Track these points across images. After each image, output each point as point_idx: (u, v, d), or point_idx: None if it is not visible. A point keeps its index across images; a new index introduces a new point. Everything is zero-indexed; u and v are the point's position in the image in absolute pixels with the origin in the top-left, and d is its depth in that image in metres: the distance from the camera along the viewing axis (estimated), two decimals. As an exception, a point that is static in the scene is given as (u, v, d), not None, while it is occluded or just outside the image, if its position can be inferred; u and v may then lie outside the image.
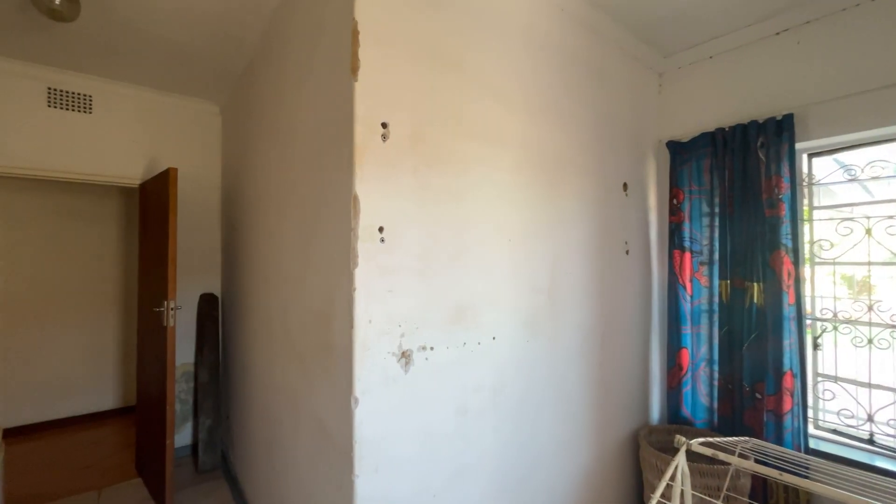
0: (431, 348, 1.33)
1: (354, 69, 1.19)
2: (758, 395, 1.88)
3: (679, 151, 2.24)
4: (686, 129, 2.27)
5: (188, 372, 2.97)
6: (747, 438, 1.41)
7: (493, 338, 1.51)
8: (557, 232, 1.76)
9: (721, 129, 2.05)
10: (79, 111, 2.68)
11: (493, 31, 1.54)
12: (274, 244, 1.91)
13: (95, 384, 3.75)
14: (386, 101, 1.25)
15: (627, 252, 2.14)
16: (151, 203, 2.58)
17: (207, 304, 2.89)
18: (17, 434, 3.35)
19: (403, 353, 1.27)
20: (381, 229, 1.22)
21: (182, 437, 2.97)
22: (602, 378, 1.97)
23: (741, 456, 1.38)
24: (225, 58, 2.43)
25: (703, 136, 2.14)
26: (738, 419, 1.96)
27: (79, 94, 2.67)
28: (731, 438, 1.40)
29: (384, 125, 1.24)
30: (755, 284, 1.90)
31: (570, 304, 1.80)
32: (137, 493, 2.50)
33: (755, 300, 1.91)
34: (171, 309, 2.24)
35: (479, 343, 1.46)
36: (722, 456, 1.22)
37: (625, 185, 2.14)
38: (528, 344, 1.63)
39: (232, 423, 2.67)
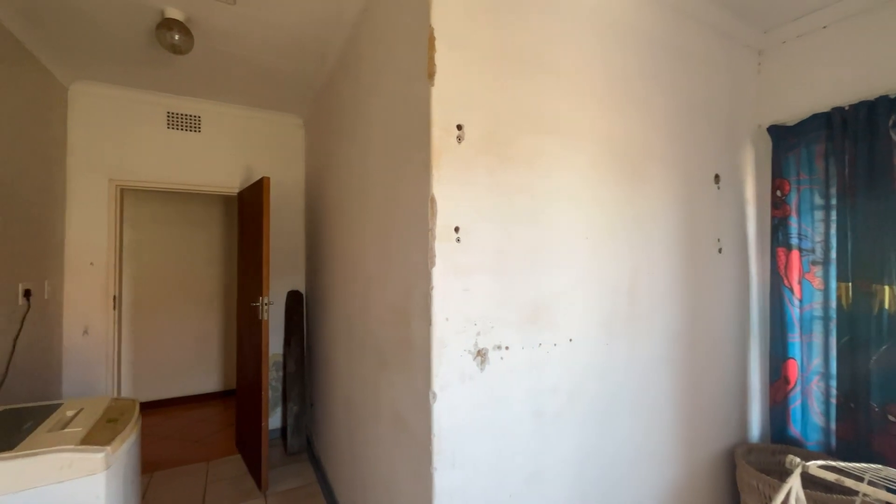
0: (507, 348, 1.33)
1: (431, 74, 1.23)
2: (891, 418, 1.60)
3: (784, 137, 1.98)
4: (793, 112, 2.01)
5: (278, 362, 3.26)
6: (879, 467, 1.21)
7: (570, 339, 1.46)
8: (638, 229, 1.65)
9: (839, 109, 1.78)
10: (191, 131, 3.08)
11: (566, 23, 1.49)
12: (354, 244, 2.03)
13: (202, 369, 4.28)
14: (461, 103, 1.27)
15: (720, 251, 1.95)
16: (248, 209, 2.88)
17: (294, 301, 3.16)
18: (143, 408, 3.94)
19: (479, 352, 1.28)
20: (456, 229, 1.24)
21: (273, 420, 3.28)
22: (690, 388, 1.82)
23: (871, 484, 1.18)
24: (308, 75, 2.64)
25: (815, 117, 1.87)
26: (863, 444, 1.68)
27: (191, 115, 3.07)
28: (857, 465, 1.21)
29: (459, 127, 1.26)
30: (886, 288, 1.63)
31: (653, 306, 1.69)
32: (237, 468, 2.81)
33: (886, 306, 1.63)
34: (265, 304, 2.48)
35: (554, 344, 1.43)
36: (849, 483, 1.06)
37: (716, 177, 1.95)
38: (608, 347, 1.55)
39: (315, 410, 2.89)
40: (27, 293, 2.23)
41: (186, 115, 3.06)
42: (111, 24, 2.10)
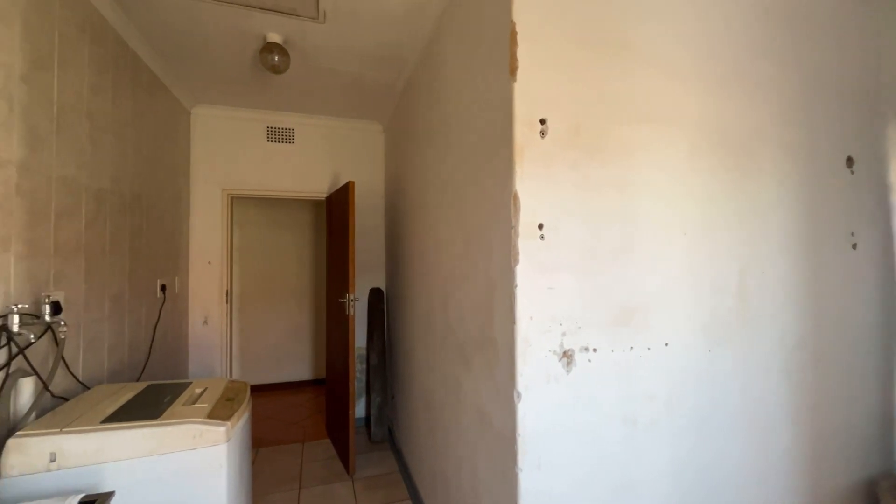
0: (594, 350, 1.26)
1: (513, 70, 1.21)
2: None
3: (944, 107, 1.62)
4: (956, 75, 1.64)
5: (361, 355, 3.47)
6: None
7: (666, 343, 1.35)
8: (749, 223, 1.47)
9: None
10: (286, 142, 3.40)
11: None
12: (433, 243, 2.08)
13: (295, 358, 4.70)
14: (544, 97, 1.24)
15: (854, 246, 1.66)
16: (335, 212, 3.10)
17: (375, 297, 3.33)
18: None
19: (565, 353, 1.23)
20: (540, 226, 1.21)
21: (358, 409, 3.49)
22: (815, 406, 1.57)
23: None
24: (388, 82, 2.77)
25: None
26: None
27: (286, 128, 3.39)
28: None
29: (542, 121, 1.23)
30: None
31: (766, 310, 1.49)
32: (327, 452, 3.04)
33: None
34: (351, 300, 2.65)
35: (648, 348, 1.32)
36: None
37: (848, 160, 1.66)
38: (710, 354, 1.40)
39: (397, 402, 3.02)
40: (163, 288, 2.64)
41: (282, 128, 3.38)
42: (224, 54, 2.40)
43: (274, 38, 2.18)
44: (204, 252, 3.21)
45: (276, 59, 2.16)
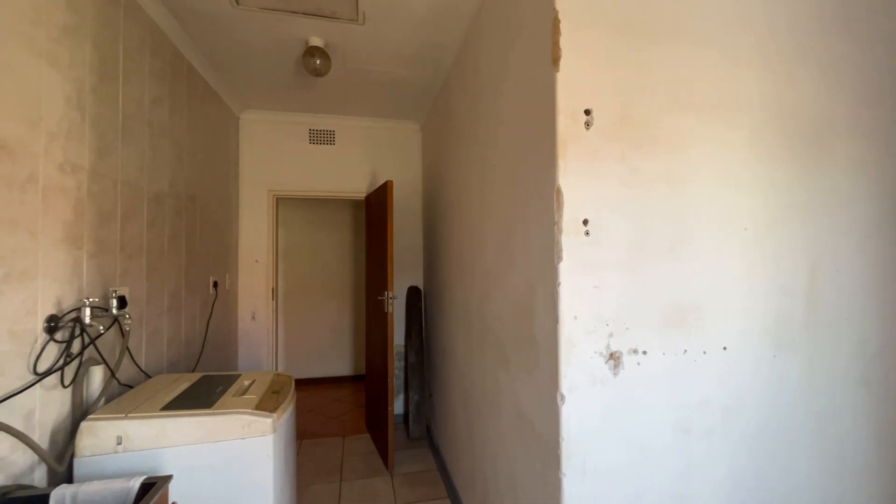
0: (644, 352, 1.19)
1: (556, 60, 1.17)
2: None
3: None
4: None
5: (400, 352, 3.51)
6: None
7: (724, 347, 1.25)
8: (820, 217, 1.34)
9: None
10: (327, 144, 3.50)
11: (717, -21, 1.28)
12: (471, 241, 2.06)
13: (336, 354, 4.83)
14: (588, 87, 1.18)
15: (947, 242, 1.47)
16: (373, 211, 3.15)
17: (413, 296, 3.36)
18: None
19: (612, 355, 1.17)
20: (585, 222, 1.16)
21: (396, 406, 3.54)
22: (900, 420, 1.41)
23: None
24: (425, 81, 2.77)
25: None
26: None
27: (327, 130, 3.49)
28: None
29: (587, 112, 1.18)
30: None
31: (842, 313, 1.35)
32: (367, 447, 3.09)
33: None
34: (390, 298, 2.68)
35: (703, 352, 1.24)
36: None
37: (940, 146, 1.47)
38: (775, 360, 1.29)
39: (434, 400, 3.03)
40: (215, 285, 2.79)
41: (324, 130, 3.48)
42: (269, 60, 2.50)
43: (315, 41, 2.24)
44: (252, 251, 3.37)
45: (318, 62, 2.22)
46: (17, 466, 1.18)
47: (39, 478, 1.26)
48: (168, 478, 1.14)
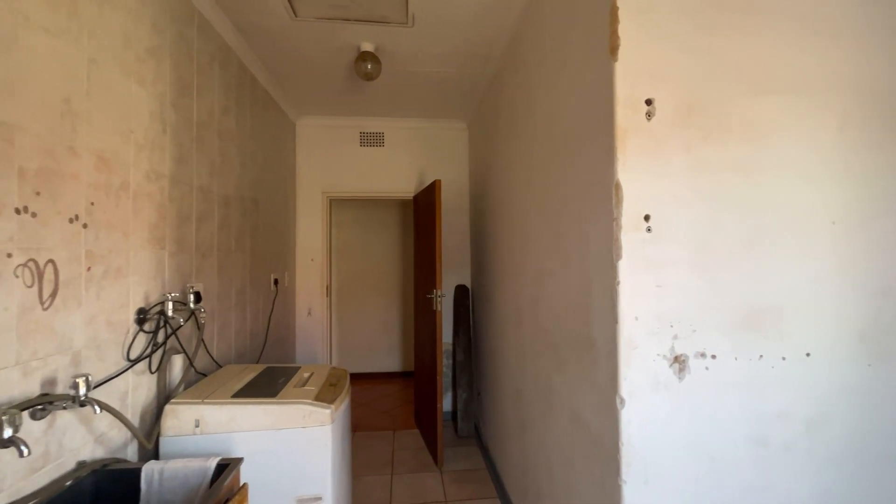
0: (713, 356, 1.11)
1: (614, 48, 1.12)
2: None
3: None
4: None
5: (448, 350, 3.53)
6: None
7: (807, 354, 1.14)
8: (926, 208, 1.18)
9: None
10: (376, 146, 3.60)
11: (798, -52, 1.16)
12: (521, 239, 2.03)
13: (385, 350, 4.96)
14: (650, 74, 1.12)
15: None
16: (422, 210, 3.20)
17: (461, 294, 3.37)
18: (345, 379, 4.80)
19: (676, 358, 1.10)
20: (646, 217, 1.10)
21: (444, 404, 3.57)
22: None
23: None
24: (472, 79, 2.77)
25: None
26: None
27: (376, 132, 3.59)
28: None
29: (649, 101, 1.11)
30: None
31: (954, 317, 1.18)
32: (416, 442, 3.15)
33: None
34: (439, 296, 2.71)
35: (783, 358, 1.13)
36: None
37: None
38: (870, 369, 1.15)
39: (483, 399, 3.02)
40: (275, 282, 2.96)
41: (373, 132, 3.59)
42: (323, 68, 2.61)
43: (367, 47, 2.31)
44: (308, 250, 3.54)
45: (369, 66, 2.29)
46: (114, 442, 1.32)
47: (131, 453, 1.41)
48: (239, 460, 1.23)
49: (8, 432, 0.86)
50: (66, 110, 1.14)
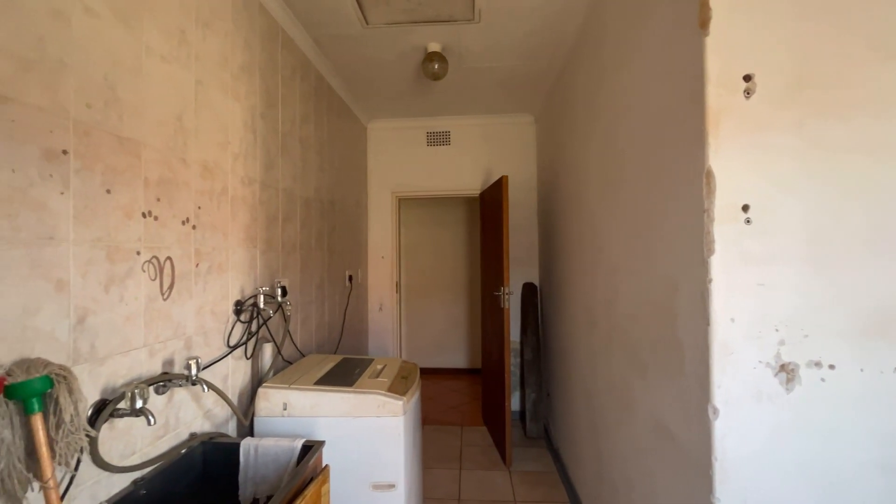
0: (831, 366, 0.96)
1: (704, 21, 1.01)
2: None
3: None
4: None
5: (515, 349, 3.48)
6: None
7: (962, 369, 0.94)
8: None
9: None
10: (443, 145, 3.64)
11: None
12: (594, 235, 1.93)
13: (451, 347, 5.02)
14: (748, 48, 0.99)
15: None
16: (488, 207, 3.18)
17: (529, 292, 3.30)
18: (414, 373, 4.94)
19: (783, 366, 0.97)
20: (745, 208, 0.98)
21: (513, 402, 3.51)
22: None
23: None
24: (540, 70, 2.68)
25: None
26: None
27: (443, 131, 3.64)
28: None
29: (747, 77, 0.99)
30: None
31: None
32: (484, 440, 3.15)
33: None
34: (506, 294, 2.67)
35: (927, 373, 0.94)
36: None
37: None
38: None
39: (552, 401, 2.93)
40: (350, 278, 3.14)
41: (440, 131, 3.64)
42: (392, 72, 2.70)
43: (434, 47, 2.34)
44: (379, 248, 3.70)
45: (436, 66, 2.32)
46: (217, 418, 1.49)
47: (231, 428, 1.58)
48: (322, 443, 1.32)
49: (139, 403, 1.01)
50: (179, 126, 1.31)
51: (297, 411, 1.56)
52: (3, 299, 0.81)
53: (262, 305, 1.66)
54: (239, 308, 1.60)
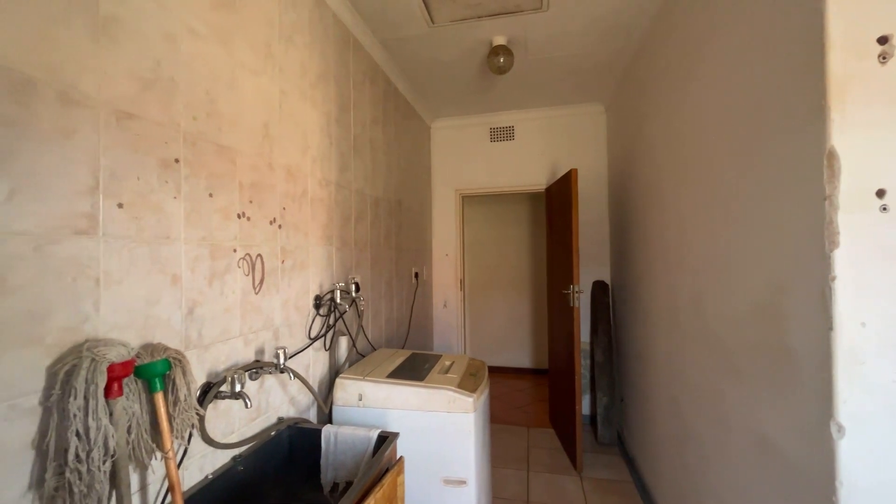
0: None
1: (824, -22, 0.87)
2: None
3: None
4: None
5: (584, 350, 3.33)
6: None
7: None
8: None
9: None
10: (507, 140, 3.58)
11: None
12: (679, 227, 1.77)
13: (515, 346, 4.94)
14: (883, 4, 0.84)
15: None
16: (555, 202, 3.07)
17: (599, 291, 3.13)
18: (478, 370, 4.93)
19: (933, 382, 0.81)
20: (880, 193, 0.84)
21: (583, 406, 3.37)
22: None
23: None
24: (612, 54, 2.52)
25: None
26: None
27: (506, 127, 3.58)
28: None
29: (883, 40, 0.84)
30: None
31: None
32: (552, 442, 3.05)
33: None
34: (576, 293, 2.56)
35: None
36: None
37: None
38: None
39: (627, 407, 2.76)
40: (416, 275, 3.21)
41: (504, 127, 3.58)
42: (455, 69, 2.70)
43: (499, 40, 2.30)
44: (443, 245, 3.74)
45: (502, 60, 2.28)
46: (301, 405, 1.60)
47: (312, 415, 1.68)
48: (396, 434, 1.36)
49: (238, 387, 1.11)
50: (266, 134, 1.41)
51: (371, 402, 1.62)
52: (132, 291, 0.93)
53: (338, 300, 1.75)
54: (318, 302, 1.70)
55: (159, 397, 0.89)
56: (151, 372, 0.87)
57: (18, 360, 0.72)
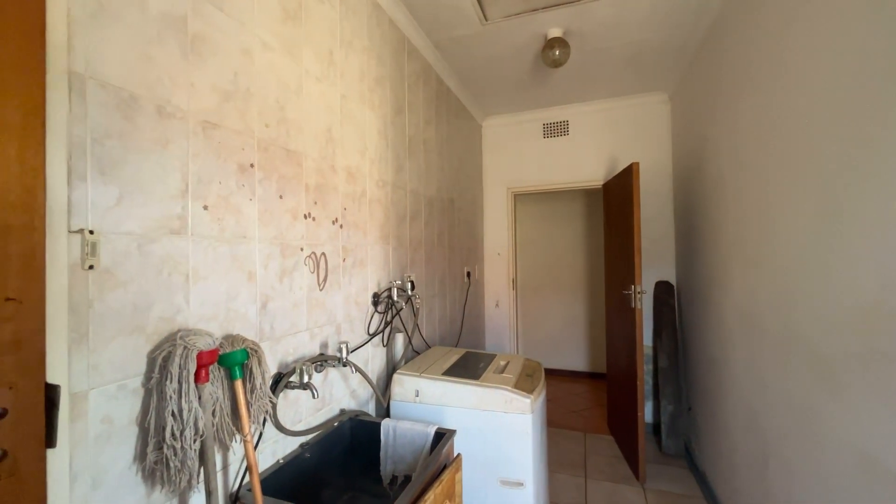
0: None
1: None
2: None
3: None
4: None
5: (647, 354, 3.15)
6: None
7: None
8: None
9: None
10: (560, 136, 3.48)
11: None
12: (760, 224, 1.62)
13: (570, 348, 4.78)
14: None
15: None
16: (614, 199, 2.93)
17: (663, 292, 2.95)
18: (530, 372, 4.83)
19: None
20: None
21: (645, 414, 3.19)
22: None
23: None
24: (678, 39, 2.36)
25: None
26: None
27: (560, 122, 3.47)
28: None
29: None
30: None
31: None
32: (611, 449, 2.91)
33: None
34: (638, 293, 2.43)
35: None
36: None
37: None
38: None
39: (696, 417, 2.57)
40: (468, 274, 3.21)
41: (557, 122, 3.48)
42: (508, 66, 2.66)
43: (555, 33, 2.24)
44: (494, 244, 3.71)
45: (558, 53, 2.22)
46: (361, 398, 1.66)
47: (370, 408, 1.74)
48: (453, 431, 1.36)
49: (306, 378, 1.17)
50: (329, 137, 1.48)
51: (428, 398, 1.65)
52: (215, 286, 1.01)
53: (395, 297, 1.79)
54: (376, 299, 1.75)
55: (239, 384, 0.96)
56: (233, 360, 0.94)
57: (126, 345, 0.82)
